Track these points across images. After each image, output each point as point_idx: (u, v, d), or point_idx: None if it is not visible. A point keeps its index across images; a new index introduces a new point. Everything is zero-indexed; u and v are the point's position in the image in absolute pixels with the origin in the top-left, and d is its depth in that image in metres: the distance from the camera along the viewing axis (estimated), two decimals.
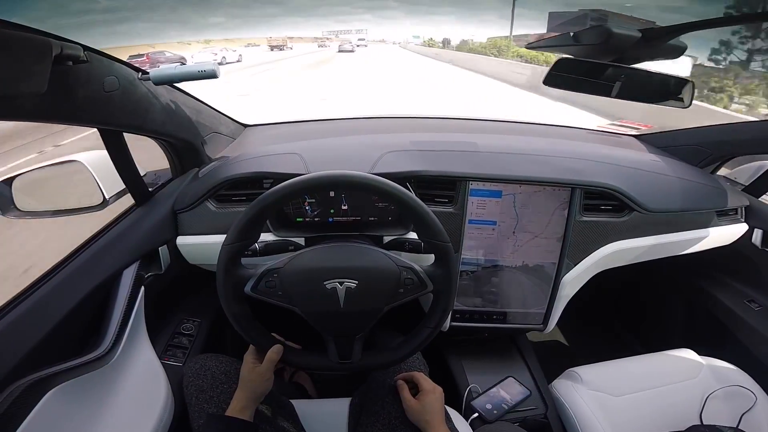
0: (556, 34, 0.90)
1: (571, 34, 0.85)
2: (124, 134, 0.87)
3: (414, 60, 26.05)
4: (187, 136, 1.07)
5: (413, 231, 1.03)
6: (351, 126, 1.56)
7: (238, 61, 22.98)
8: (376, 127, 1.55)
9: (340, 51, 34.73)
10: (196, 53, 23.23)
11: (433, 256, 0.78)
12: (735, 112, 7.35)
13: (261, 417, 0.81)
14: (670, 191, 1.17)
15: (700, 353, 1.14)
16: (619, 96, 0.87)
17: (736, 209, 1.26)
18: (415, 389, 0.85)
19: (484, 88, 12.26)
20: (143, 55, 18.98)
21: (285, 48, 42.71)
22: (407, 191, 0.74)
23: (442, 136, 1.37)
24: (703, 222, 1.21)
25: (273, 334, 0.81)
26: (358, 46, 41.50)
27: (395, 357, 0.81)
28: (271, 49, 40.21)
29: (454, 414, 0.94)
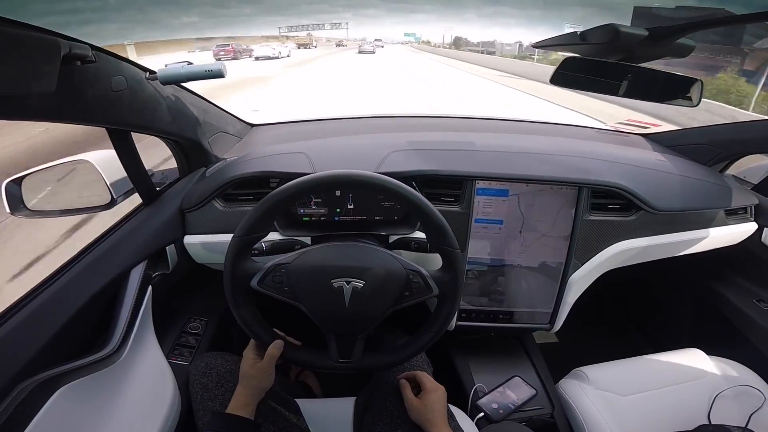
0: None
1: (578, 33, 0.84)
2: (132, 134, 0.88)
3: None
4: (194, 136, 1.07)
5: (419, 231, 1.03)
6: (356, 125, 1.56)
7: (288, 56, 27.21)
8: (382, 127, 1.55)
9: (360, 52, 36.09)
10: (257, 47, 27.55)
11: (438, 256, 0.78)
12: None
13: (266, 416, 0.81)
14: (678, 190, 1.16)
15: (708, 353, 1.14)
16: (626, 95, 0.86)
17: (745, 208, 1.25)
18: (417, 388, 0.85)
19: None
20: (228, 44, 26.10)
21: (310, 47, 49.78)
22: (420, 195, 0.74)
23: (447, 135, 1.37)
24: (711, 221, 1.20)
25: (274, 329, 0.82)
26: (375, 47, 42.90)
27: (395, 359, 0.82)
28: (298, 47, 44.31)
29: (459, 413, 0.94)
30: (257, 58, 24.61)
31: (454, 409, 0.93)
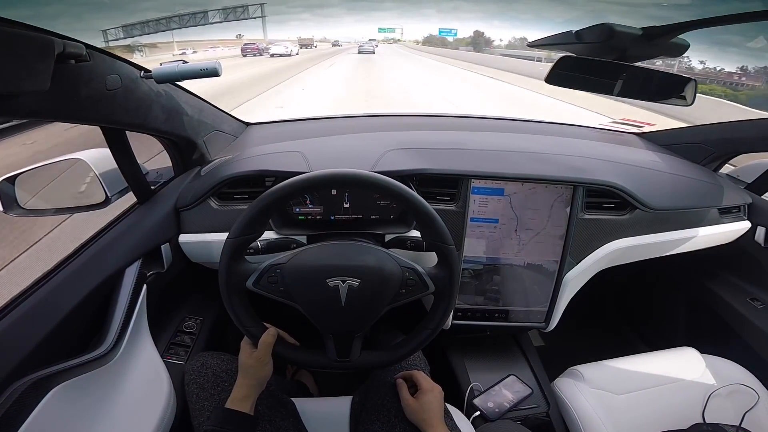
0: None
1: (574, 32, 0.85)
2: (127, 132, 0.87)
3: None
4: (189, 135, 1.07)
5: (415, 229, 1.03)
6: (352, 124, 1.56)
7: (297, 53, 32.12)
8: (378, 126, 1.55)
9: (360, 52, 37.14)
10: (273, 46, 33.14)
11: (434, 254, 0.78)
12: None
13: (262, 415, 0.81)
14: (672, 189, 1.17)
15: (702, 351, 1.14)
16: (621, 94, 0.87)
17: (738, 207, 1.26)
18: (414, 388, 0.85)
19: None
20: (254, 43, 33.27)
21: (311, 46, 56.26)
22: (414, 192, 0.74)
23: (443, 134, 1.37)
24: (705, 219, 1.21)
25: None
26: (374, 47, 43.65)
27: (393, 357, 0.81)
28: (301, 47, 47.19)
29: (455, 412, 0.95)
30: (272, 55, 29.67)
31: (451, 408, 0.93)
